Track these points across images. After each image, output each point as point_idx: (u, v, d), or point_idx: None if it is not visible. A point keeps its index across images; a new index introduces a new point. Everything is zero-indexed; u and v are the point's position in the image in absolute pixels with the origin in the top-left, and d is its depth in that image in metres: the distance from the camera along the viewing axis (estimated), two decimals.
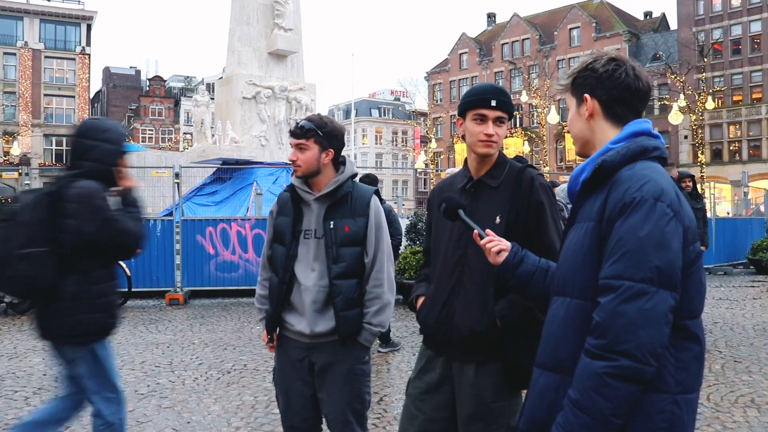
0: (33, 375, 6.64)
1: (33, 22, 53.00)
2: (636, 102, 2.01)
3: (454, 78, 65.34)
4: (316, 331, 3.09)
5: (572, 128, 2.11)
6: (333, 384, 3.12)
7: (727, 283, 14.86)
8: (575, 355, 1.82)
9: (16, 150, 46.02)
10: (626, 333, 1.68)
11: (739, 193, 24.89)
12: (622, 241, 1.75)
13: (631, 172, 1.85)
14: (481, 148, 2.66)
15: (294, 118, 19.38)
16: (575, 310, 1.88)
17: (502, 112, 2.65)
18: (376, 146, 78.76)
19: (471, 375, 2.60)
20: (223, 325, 9.62)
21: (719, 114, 47.01)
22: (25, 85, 52.00)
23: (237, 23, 19.34)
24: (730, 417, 5.20)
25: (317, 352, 3.14)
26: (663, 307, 1.71)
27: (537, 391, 1.97)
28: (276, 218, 3.27)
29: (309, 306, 3.09)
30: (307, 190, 3.16)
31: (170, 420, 5.17)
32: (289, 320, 3.17)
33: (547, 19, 60.99)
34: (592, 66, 2.02)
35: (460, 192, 2.75)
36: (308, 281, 3.10)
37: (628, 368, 1.68)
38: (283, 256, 3.16)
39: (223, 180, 17.93)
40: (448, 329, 2.64)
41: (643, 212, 1.75)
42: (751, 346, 7.80)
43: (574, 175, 2.02)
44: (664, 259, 1.72)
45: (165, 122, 70.61)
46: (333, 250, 3.08)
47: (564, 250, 2.00)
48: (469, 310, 2.60)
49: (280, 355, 3.26)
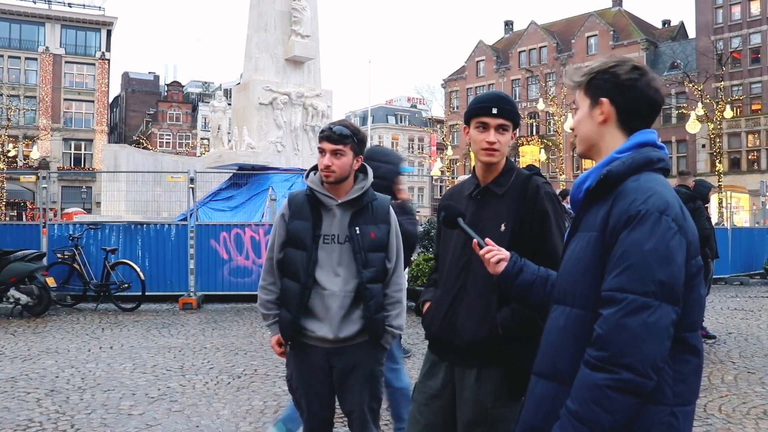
0: (45, 377, 6.70)
1: (54, 27, 53.65)
2: (651, 115, 1.99)
3: (470, 85, 65.26)
4: (341, 336, 3.10)
5: (580, 129, 2.06)
6: (355, 384, 3.17)
7: (743, 294, 14.71)
8: (574, 364, 1.81)
9: (35, 154, 46.48)
10: (629, 346, 1.68)
11: (758, 202, 24.66)
12: (626, 254, 1.75)
13: (637, 184, 1.84)
14: (483, 156, 2.69)
15: (310, 124, 19.45)
16: (575, 319, 1.87)
17: (505, 120, 2.67)
18: None
19: (472, 380, 2.62)
20: (235, 329, 9.65)
21: (737, 123, 46.64)
22: (45, 90, 52.64)
23: (255, 30, 19.45)
24: (742, 428, 5.14)
25: (338, 356, 3.15)
26: (665, 321, 1.71)
27: (534, 400, 1.96)
28: (290, 222, 3.19)
29: (336, 311, 3.09)
30: (330, 195, 3.15)
31: (179, 424, 5.19)
32: (308, 326, 3.13)
33: (564, 27, 60.85)
34: (614, 71, 1.96)
35: (467, 199, 2.77)
36: (334, 286, 3.09)
37: (630, 381, 1.68)
38: (304, 261, 3.11)
39: (238, 185, 18.01)
40: (451, 334, 2.67)
41: (648, 226, 1.75)
42: (765, 357, 7.71)
43: (577, 183, 2.00)
44: (667, 274, 1.72)
45: (182, 127, 71.07)
46: (362, 255, 3.10)
47: (565, 259, 1.99)
48: (471, 316, 2.62)
49: (300, 361, 3.22)
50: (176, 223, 13.13)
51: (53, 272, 11.66)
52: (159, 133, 69.71)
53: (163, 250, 12.68)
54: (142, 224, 12.87)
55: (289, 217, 3.21)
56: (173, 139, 69.94)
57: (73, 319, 10.64)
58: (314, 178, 3.22)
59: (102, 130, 54.94)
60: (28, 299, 10.77)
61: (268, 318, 3.30)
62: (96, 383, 6.45)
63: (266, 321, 3.33)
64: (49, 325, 10.01)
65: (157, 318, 10.79)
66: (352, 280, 3.11)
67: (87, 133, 54.50)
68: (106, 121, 56.56)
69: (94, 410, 5.54)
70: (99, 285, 11.84)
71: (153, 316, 11.06)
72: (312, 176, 3.25)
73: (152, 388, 6.26)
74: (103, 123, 55.25)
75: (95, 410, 5.54)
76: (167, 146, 67.89)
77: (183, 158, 30.95)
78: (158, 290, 12.50)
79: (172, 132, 70.40)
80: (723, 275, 16.71)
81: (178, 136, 70.29)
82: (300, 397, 3.26)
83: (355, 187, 3.18)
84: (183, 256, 12.54)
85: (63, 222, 13.72)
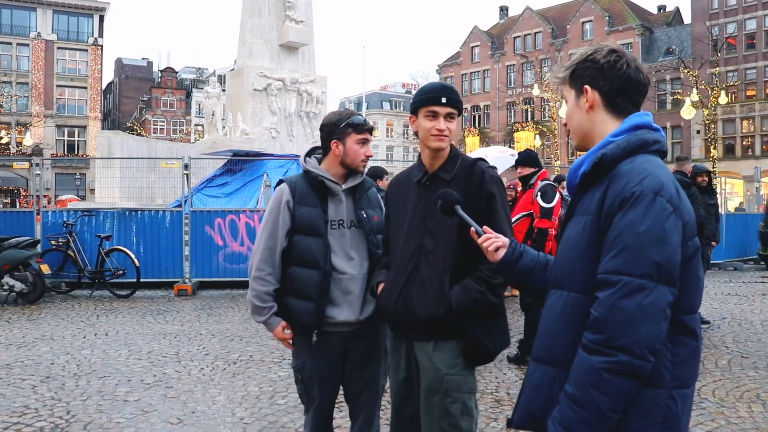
0: (41, 364, 6.70)
1: (46, 13, 53.22)
2: (636, 94, 1.99)
3: (465, 71, 65.07)
4: (362, 318, 3.13)
5: (571, 121, 2.08)
6: (371, 361, 3.22)
7: (736, 279, 14.77)
8: (572, 349, 1.81)
9: (28, 140, 46.28)
10: (625, 328, 1.68)
11: (752, 188, 24.71)
12: (621, 236, 1.74)
13: (631, 166, 1.84)
14: (433, 142, 2.81)
15: (304, 110, 19.43)
16: (572, 304, 1.87)
17: (452, 109, 2.82)
18: (387, 139, 78.69)
19: (429, 350, 2.77)
20: (230, 316, 9.66)
21: (732, 109, 46.62)
22: (37, 76, 52.26)
23: (249, 15, 19.36)
24: (735, 412, 5.18)
25: (355, 339, 3.16)
26: (662, 302, 1.71)
27: (533, 385, 1.96)
28: (297, 209, 3.12)
29: (358, 294, 3.12)
30: (336, 181, 3.17)
31: (175, 410, 5.20)
32: (328, 313, 3.09)
33: (559, 13, 60.64)
34: (593, 57, 1.99)
35: (416, 186, 2.90)
36: (353, 269, 3.13)
37: (626, 364, 1.68)
38: (320, 247, 3.09)
39: (233, 172, 17.93)
40: (406, 314, 2.78)
41: (642, 207, 1.74)
42: (758, 342, 7.76)
43: (573, 168, 2.00)
44: (663, 255, 1.71)
45: (176, 114, 70.74)
46: (373, 237, 3.17)
47: (562, 243, 1.99)
48: (425, 296, 2.74)
49: (318, 349, 3.13)
50: (171, 210, 13.10)
51: (47, 259, 11.64)
52: (153, 119, 69.34)
53: (157, 236, 12.66)
54: (136, 211, 12.84)
55: (295, 204, 3.14)
56: (167, 125, 69.61)
57: (68, 306, 10.63)
58: (314, 164, 3.22)
59: (95, 116, 54.66)
60: (22, 286, 10.74)
61: (263, 311, 3.16)
62: (91, 370, 6.45)
63: (261, 315, 3.18)
64: (44, 312, 10.00)
65: (152, 304, 10.79)
66: (365, 262, 3.16)
67: (80, 119, 54.22)
68: (100, 107, 56.25)
69: (89, 397, 5.55)
70: (94, 272, 11.82)
71: (148, 302, 11.06)
72: (312, 162, 3.24)
73: (148, 375, 6.26)
74: (96, 109, 54.96)
75: (91, 397, 5.55)
76: (161, 133, 67.55)
77: (177, 145, 30.84)
78: (153, 277, 12.48)
79: (166, 118, 70.06)
80: (717, 261, 16.76)
81: (172, 123, 69.97)
82: (311, 386, 3.18)
83: (357, 174, 3.23)
84: (178, 242, 12.52)
85: (57, 209, 13.65)
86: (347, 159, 3.15)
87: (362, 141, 3.16)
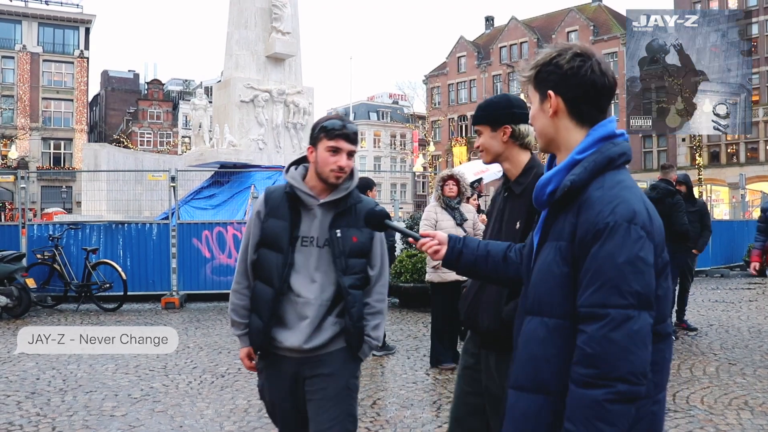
0: (26, 379, 6.63)
1: (31, 25, 53.00)
2: (601, 99, 1.96)
3: (452, 81, 65.28)
4: (313, 346, 2.83)
5: (535, 124, 2.05)
6: (327, 400, 2.86)
7: (723, 286, 14.85)
8: (559, 375, 1.82)
9: (13, 153, 45.95)
10: (619, 359, 1.71)
11: (737, 195, 24.87)
12: (601, 270, 1.76)
13: (601, 192, 1.83)
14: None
15: (291, 121, 19.41)
16: (555, 330, 1.86)
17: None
18: (374, 149, 78.70)
19: (492, 362, 2.79)
20: (218, 328, 9.61)
21: None
22: (23, 89, 51.97)
23: (235, 27, 19.36)
24: (724, 419, 5.19)
25: (309, 367, 2.87)
26: (646, 327, 1.75)
27: (517, 416, 1.93)
28: (266, 220, 2.90)
29: (310, 320, 2.82)
30: (312, 194, 2.87)
31: (163, 424, 5.16)
32: (278, 336, 2.86)
33: (545, 23, 60.99)
34: (557, 61, 1.95)
35: (500, 196, 3.00)
36: (309, 293, 2.83)
37: (626, 392, 1.71)
38: (278, 264, 2.84)
39: (220, 183, 17.93)
40: (474, 321, 2.86)
41: (618, 238, 1.76)
42: (746, 348, 7.79)
43: (539, 185, 1.97)
44: (642, 283, 1.75)
45: (163, 126, 70.54)
46: (342, 260, 2.84)
47: (537, 268, 1.96)
48: (488, 307, 2.79)
49: (270, 373, 2.97)
50: (158, 222, 13.05)
51: (33, 273, 11.54)
52: (139, 131, 69.11)
53: (144, 249, 12.58)
54: (123, 224, 12.76)
55: (264, 215, 2.91)
56: (154, 137, 69.38)
57: (54, 320, 10.55)
58: (295, 174, 2.94)
59: (81, 129, 54.40)
60: (7, 301, 10.63)
61: (239, 327, 3.01)
62: (78, 384, 6.39)
63: (237, 330, 3.04)
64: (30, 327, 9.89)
65: (140, 318, 10.72)
66: (329, 287, 2.85)
67: (66, 132, 53.93)
68: (86, 120, 56.02)
69: (75, 412, 5.49)
70: (80, 285, 11.73)
71: (135, 316, 10.98)
72: (293, 171, 2.96)
73: (135, 389, 6.21)
74: (82, 122, 54.71)
75: (77, 412, 5.49)
76: (148, 145, 67.29)
77: (164, 157, 30.73)
78: (140, 290, 12.42)
79: (153, 130, 69.84)
80: (704, 267, 16.84)
81: (158, 135, 69.74)
82: (272, 409, 3.05)
83: (340, 187, 2.88)
84: (165, 255, 12.45)
85: (43, 222, 13.58)
86: (318, 168, 2.86)
87: (332, 149, 2.82)
